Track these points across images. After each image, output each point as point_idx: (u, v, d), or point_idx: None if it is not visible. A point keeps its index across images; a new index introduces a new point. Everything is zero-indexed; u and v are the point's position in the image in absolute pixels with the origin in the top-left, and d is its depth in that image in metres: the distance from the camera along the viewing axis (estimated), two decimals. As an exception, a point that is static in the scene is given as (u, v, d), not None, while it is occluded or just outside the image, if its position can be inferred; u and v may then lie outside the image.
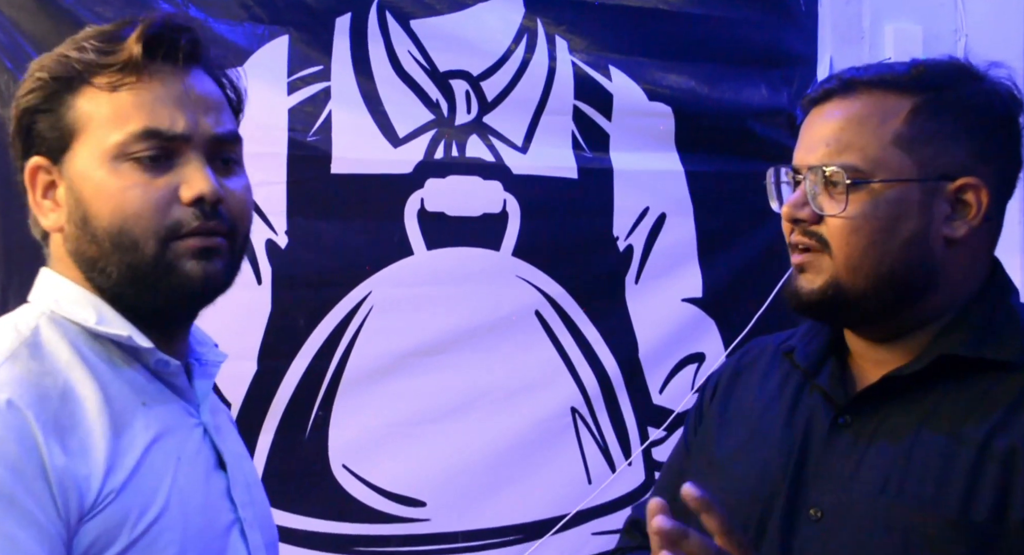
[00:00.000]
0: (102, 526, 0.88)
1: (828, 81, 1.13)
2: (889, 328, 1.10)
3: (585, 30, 2.24)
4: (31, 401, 0.88)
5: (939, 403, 1.05)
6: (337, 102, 2.05)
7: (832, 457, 1.08)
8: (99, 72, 0.95)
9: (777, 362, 1.22)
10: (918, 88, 1.08)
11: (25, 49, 1.84)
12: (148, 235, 0.94)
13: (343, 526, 2.06)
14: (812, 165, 1.09)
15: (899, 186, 1.06)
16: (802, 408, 1.14)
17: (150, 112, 0.95)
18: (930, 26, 2.45)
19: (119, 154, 0.94)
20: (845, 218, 1.06)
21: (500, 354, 2.15)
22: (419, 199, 2.10)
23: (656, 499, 1.00)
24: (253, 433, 1.99)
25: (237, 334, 1.94)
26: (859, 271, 1.07)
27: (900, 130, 1.07)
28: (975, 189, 1.08)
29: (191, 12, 1.95)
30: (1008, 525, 0.98)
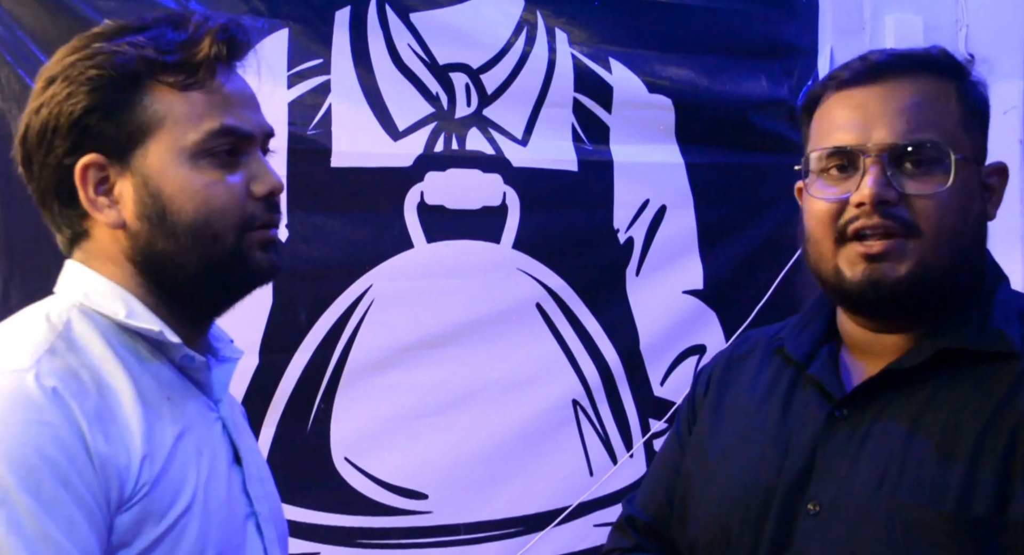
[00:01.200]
0: (136, 517, 0.90)
1: (869, 60, 1.07)
2: (923, 318, 1.06)
3: (585, 22, 2.24)
4: (74, 393, 0.89)
5: (936, 395, 1.04)
6: (337, 95, 2.05)
7: (829, 451, 1.07)
8: (169, 71, 0.97)
9: (769, 356, 1.20)
10: (954, 73, 1.07)
11: (26, 44, 1.84)
12: (229, 228, 0.98)
13: (345, 518, 2.06)
14: (890, 143, 1.02)
15: (970, 166, 1.05)
16: (796, 402, 1.12)
17: (224, 111, 0.99)
18: (930, 17, 2.45)
19: (198, 152, 0.98)
20: (937, 198, 1.01)
21: (501, 347, 2.16)
22: (419, 192, 2.10)
23: None
24: (255, 427, 2.00)
25: (238, 328, 1.91)
26: (944, 254, 1.02)
27: (960, 111, 1.05)
28: (1000, 174, 1.09)
29: (191, 5, 1.95)
30: (1009, 519, 0.96)
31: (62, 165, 0.98)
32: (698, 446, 1.21)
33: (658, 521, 1.24)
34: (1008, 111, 2.40)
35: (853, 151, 1.05)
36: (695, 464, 1.20)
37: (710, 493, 1.15)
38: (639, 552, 1.24)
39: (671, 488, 1.23)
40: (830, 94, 1.09)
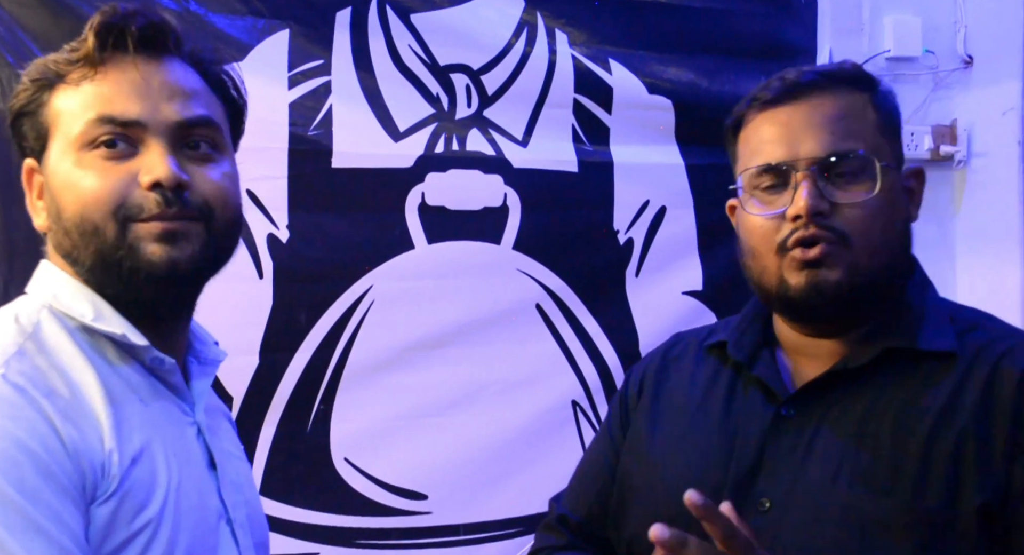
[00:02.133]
0: (110, 512, 0.89)
1: (787, 78, 1.12)
2: (854, 321, 1.10)
3: (585, 23, 2.24)
4: (44, 392, 0.89)
5: (883, 394, 1.07)
6: (338, 96, 2.05)
7: (778, 448, 1.08)
8: (69, 69, 0.97)
9: (703, 358, 1.22)
10: (867, 86, 1.13)
11: (26, 44, 1.84)
12: (107, 218, 0.94)
13: (345, 519, 2.06)
14: (817, 156, 1.07)
15: (893, 172, 1.09)
16: (738, 402, 1.14)
17: (105, 100, 0.95)
18: (929, 18, 2.45)
19: (82, 144, 0.95)
20: (866, 206, 1.06)
21: (501, 347, 2.16)
22: (420, 193, 2.11)
23: None
24: (255, 427, 2.00)
25: (239, 328, 1.95)
26: (875, 258, 1.06)
27: (877, 119, 1.10)
28: (918, 177, 1.14)
29: (191, 7, 1.95)
30: (961, 510, 0.99)
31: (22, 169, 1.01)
32: (636, 445, 1.22)
33: (590, 520, 1.25)
34: (1007, 112, 2.40)
35: (784, 167, 1.08)
36: (634, 463, 1.21)
37: (654, 491, 1.16)
38: (572, 550, 1.24)
39: (604, 487, 1.24)
40: (754, 114, 1.13)
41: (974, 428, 1.01)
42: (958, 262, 2.47)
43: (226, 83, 1.05)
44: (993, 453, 1.00)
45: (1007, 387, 1.02)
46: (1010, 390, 1.02)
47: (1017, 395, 1.02)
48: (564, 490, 1.33)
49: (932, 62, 2.44)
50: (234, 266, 1.05)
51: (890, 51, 2.42)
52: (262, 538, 1.09)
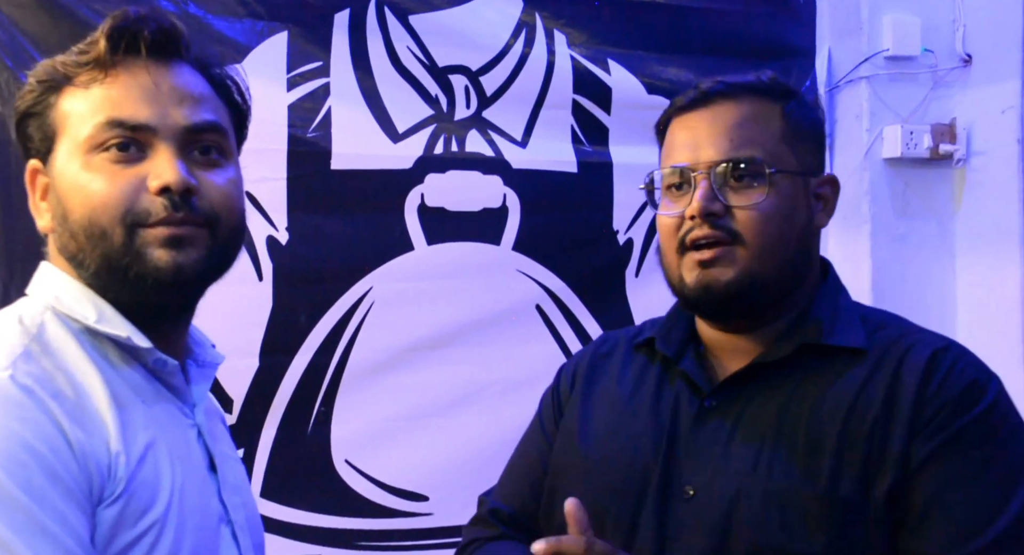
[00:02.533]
0: (116, 515, 0.89)
1: (701, 87, 1.19)
2: (763, 318, 1.17)
3: (584, 24, 2.24)
4: (51, 393, 0.89)
5: (798, 387, 1.13)
6: (336, 98, 2.05)
7: (701, 439, 1.15)
8: (78, 72, 0.97)
9: (631, 356, 1.28)
10: (782, 95, 1.19)
11: (25, 47, 1.85)
12: (115, 223, 0.94)
13: (346, 521, 2.06)
14: (715, 161, 1.14)
15: (792, 179, 1.15)
16: (666, 395, 1.21)
17: (115, 104, 0.95)
18: (928, 17, 2.45)
19: (90, 147, 0.95)
20: (757, 210, 1.13)
21: (501, 348, 2.16)
22: (419, 194, 2.11)
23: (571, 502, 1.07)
24: (255, 429, 2.00)
25: (239, 330, 1.95)
26: (768, 260, 1.13)
27: (783, 129, 1.16)
28: (831, 184, 1.20)
29: (190, 9, 1.95)
30: (872, 497, 1.06)
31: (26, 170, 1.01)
32: (568, 438, 1.27)
33: (523, 512, 1.29)
34: (1006, 110, 2.40)
35: (686, 169, 1.16)
36: (566, 455, 1.26)
37: (586, 481, 1.21)
38: (503, 540, 1.28)
39: (537, 480, 1.28)
40: (672, 119, 1.21)
41: (882, 419, 1.09)
42: (958, 260, 2.47)
43: (231, 88, 1.05)
44: (897, 439, 1.08)
45: (911, 378, 1.10)
46: (913, 381, 1.10)
47: (919, 385, 1.09)
48: (494, 486, 1.36)
49: (931, 61, 2.44)
50: (234, 268, 1.04)
51: (889, 50, 2.42)
52: (259, 539, 1.09)
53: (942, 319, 2.43)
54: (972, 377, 1.10)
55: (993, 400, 1.09)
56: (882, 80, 2.43)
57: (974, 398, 1.08)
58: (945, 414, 1.07)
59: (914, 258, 2.45)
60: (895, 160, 2.43)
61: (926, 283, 2.45)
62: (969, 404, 1.08)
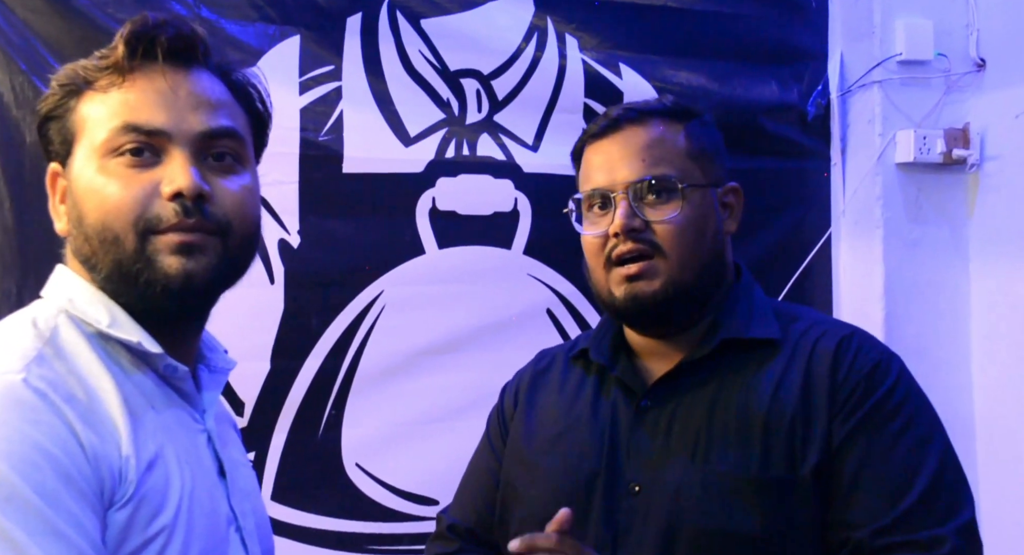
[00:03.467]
0: (126, 519, 0.89)
1: (616, 113, 1.29)
2: (686, 321, 1.27)
3: (595, 28, 2.24)
4: (64, 397, 0.89)
5: (724, 380, 1.24)
6: (348, 102, 2.05)
7: (641, 437, 1.24)
8: (98, 76, 0.97)
9: (569, 368, 1.37)
10: (682, 116, 1.30)
11: (39, 51, 1.85)
12: (127, 228, 0.94)
13: (356, 524, 2.06)
14: (631, 181, 1.24)
15: (701, 191, 1.26)
16: (604, 401, 1.30)
17: (131, 108, 0.96)
18: (941, 21, 2.44)
19: (106, 151, 0.95)
20: (672, 223, 1.23)
21: (512, 352, 2.14)
22: (430, 198, 2.11)
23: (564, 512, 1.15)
24: (267, 432, 2.00)
25: (250, 333, 1.95)
26: (688, 269, 1.23)
27: (687, 146, 1.27)
28: (735, 193, 1.31)
29: (203, 13, 1.96)
30: (799, 475, 1.17)
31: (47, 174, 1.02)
32: (515, 453, 1.35)
33: (479, 526, 1.37)
34: (1020, 115, 2.38)
35: (605, 191, 1.26)
36: (514, 469, 1.34)
37: (535, 489, 1.30)
38: (462, 553, 1.36)
39: (489, 493, 1.37)
40: (587, 146, 1.31)
41: (801, 403, 1.20)
42: (971, 266, 2.46)
43: (252, 95, 1.05)
44: (817, 420, 1.19)
45: (823, 364, 1.22)
46: (826, 366, 1.21)
47: (831, 369, 1.21)
48: (450, 503, 1.45)
49: (944, 65, 2.43)
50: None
51: (902, 54, 2.41)
52: (269, 545, 1.09)
53: (955, 325, 2.41)
54: (876, 359, 1.22)
55: (896, 377, 1.21)
56: (895, 84, 2.42)
57: (880, 377, 1.20)
58: (857, 395, 1.19)
59: (927, 263, 2.44)
60: (908, 165, 2.42)
61: (939, 288, 2.44)
62: (877, 383, 1.20)
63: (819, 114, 2.40)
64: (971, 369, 2.37)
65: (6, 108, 1.84)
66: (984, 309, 2.42)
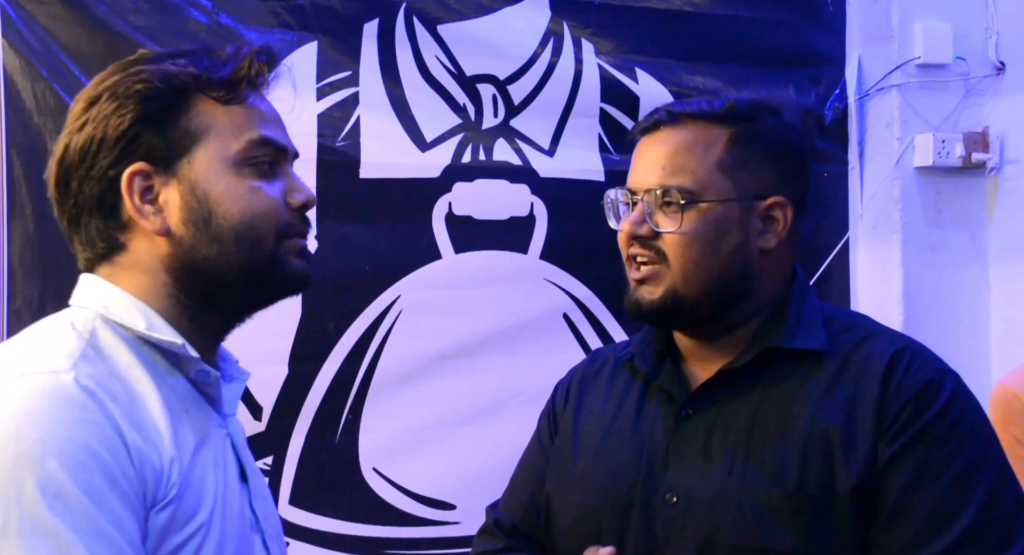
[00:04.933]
0: (167, 519, 0.91)
1: (656, 113, 1.26)
2: (716, 328, 1.24)
3: (611, 33, 2.24)
4: (110, 396, 0.91)
5: (767, 391, 1.21)
6: (365, 107, 2.06)
7: (681, 447, 1.22)
8: (212, 87, 1.01)
9: (617, 372, 1.35)
10: (732, 120, 1.24)
11: (61, 58, 1.87)
12: (270, 232, 1.02)
13: (373, 529, 2.07)
14: (649, 187, 1.22)
15: (723, 205, 1.21)
16: (647, 408, 1.27)
17: (262, 124, 1.04)
18: (960, 24, 2.43)
19: (241, 160, 1.01)
20: (680, 234, 1.20)
21: (528, 357, 2.16)
22: (447, 203, 2.11)
23: None
24: (284, 436, 2.01)
25: (268, 338, 1.96)
26: (693, 280, 1.20)
27: (721, 156, 1.22)
28: (782, 207, 1.24)
29: (222, 20, 1.97)
30: (836, 496, 1.13)
31: (106, 177, 0.99)
32: (561, 453, 1.34)
33: (525, 523, 1.36)
34: (1040, 118, 2.37)
35: (630, 191, 1.25)
36: (559, 470, 1.33)
37: (577, 494, 1.28)
38: (508, 552, 1.34)
39: (536, 491, 1.35)
40: (636, 140, 1.29)
41: (844, 419, 1.15)
42: (991, 271, 2.44)
43: None
44: (861, 439, 1.14)
45: (873, 379, 1.17)
46: (875, 382, 1.16)
47: (881, 385, 1.16)
48: (500, 497, 1.43)
49: (963, 69, 2.42)
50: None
51: (920, 58, 2.40)
52: (283, 549, 1.12)
53: (974, 330, 2.40)
54: (928, 377, 1.16)
55: (949, 397, 1.15)
56: (913, 88, 2.41)
57: (932, 397, 1.15)
58: (906, 414, 1.14)
59: (946, 268, 2.42)
60: (926, 169, 2.40)
61: (958, 293, 2.42)
62: (928, 403, 1.14)
63: (837, 118, 2.40)
64: (991, 375, 2.35)
65: (28, 115, 1.86)
66: (1003, 314, 2.40)
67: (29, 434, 0.85)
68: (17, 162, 1.87)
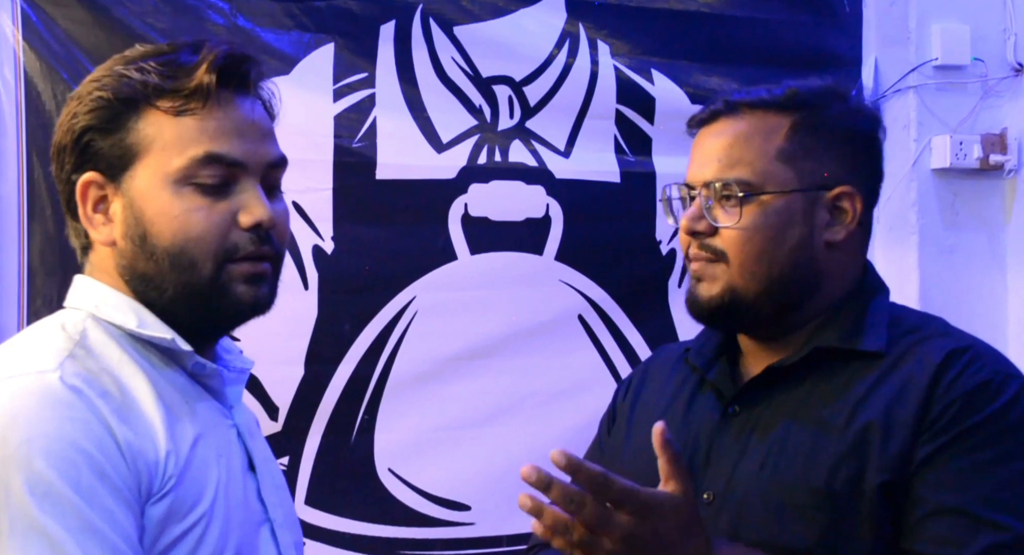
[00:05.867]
0: (164, 511, 0.91)
1: (714, 103, 1.21)
2: (777, 328, 1.18)
3: (627, 34, 2.24)
4: (98, 393, 0.91)
5: (813, 390, 1.15)
6: (382, 108, 2.07)
7: (723, 445, 1.18)
8: (164, 96, 0.98)
9: (679, 366, 1.30)
10: (794, 107, 1.18)
11: (80, 60, 1.89)
12: (207, 257, 0.97)
13: (388, 529, 2.07)
14: (706, 181, 1.17)
15: (784, 197, 1.16)
16: (697, 405, 1.24)
17: (212, 138, 0.98)
18: (978, 25, 2.41)
19: (181, 178, 0.97)
20: (739, 229, 1.15)
21: (543, 358, 2.16)
22: (463, 204, 2.12)
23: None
24: (300, 437, 2.02)
25: (284, 339, 1.97)
26: (753, 277, 1.15)
27: (782, 146, 1.16)
28: (850, 197, 1.17)
29: (239, 22, 1.98)
30: (863, 491, 1.07)
31: (70, 181, 1.00)
32: (615, 448, 1.31)
33: None
34: (1058, 120, 2.36)
35: (688, 185, 1.21)
36: (610, 461, 1.28)
37: None
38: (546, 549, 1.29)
39: None
40: (695, 134, 1.25)
41: (884, 414, 1.09)
42: (1009, 272, 2.43)
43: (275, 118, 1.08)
44: (898, 435, 1.08)
45: (923, 376, 1.10)
46: (925, 378, 1.09)
47: (930, 382, 1.09)
48: None
49: (981, 70, 2.41)
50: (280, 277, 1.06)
51: (938, 59, 2.39)
52: (297, 538, 1.11)
53: (992, 333, 2.38)
54: (986, 377, 1.09)
55: (1009, 401, 1.08)
56: (930, 89, 2.40)
57: (986, 398, 1.07)
58: (952, 413, 1.07)
59: (963, 270, 2.41)
60: (943, 170, 2.39)
61: (976, 296, 2.41)
62: (979, 403, 1.07)
63: (853, 120, 2.39)
64: (1008, 377, 2.34)
65: (48, 116, 1.88)
66: (1021, 316, 2.39)
67: (15, 435, 0.86)
68: (37, 163, 1.88)
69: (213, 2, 1.97)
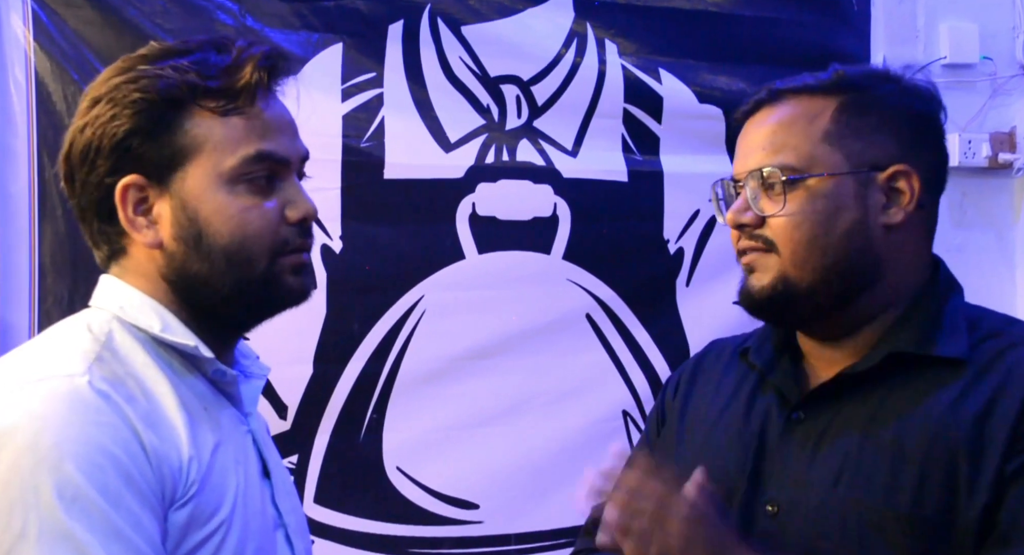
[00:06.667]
0: (187, 517, 0.92)
1: (758, 93, 1.17)
2: (839, 324, 1.12)
3: (635, 33, 2.24)
4: (125, 397, 0.92)
5: (887, 399, 1.08)
6: (390, 108, 2.08)
7: (787, 453, 1.11)
8: (210, 96, 0.98)
9: (735, 363, 1.25)
10: (840, 89, 1.14)
11: (91, 61, 1.90)
12: (263, 253, 1.00)
13: (397, 528, 2.08)
14: (750, 170, 1.12)
15: (833, 180, 1.10)
16: (758, 406, 1.17)
17: (260, 137, 1.00)
18: (986, 24, 2.41)
19: (234, 177, 0.99)
20: (785, 216, 1.10)
21: (551, 357, 2.16)
22: (470, 203, 2.12)
23: None
24: (309, 435, 2.03)
25: (293, 338, 1.98)
26: (805, 265, 1.09)
27: (828, 128, 1.11)
28: (906, 176, 1.11)
29: (248, 22, 1.99)
30: (958, 521, 1.01)
31: (103, 184, 0.99)
32: (666, 448, 1.26)
33: None
34: (1068, 118, 2.36)
35: (734, 179, 1.16)
36: (663, 460, 1.22)
37: None
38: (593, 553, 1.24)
39: None
40: (741, 124, 1.20)
41: (974, 432, 1.02)
42: (1017, 271, 2.42)
43: None
44: (991, 454, 1.01)
45: (1016, 391, 1.03)
46: (1018, 394, 1.03)
47: (1022, 400, 1.02)
48: None
49: (990, 69, 2.41)
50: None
51: (946, 58, 2.39)
52: (308, 545, 1.12)
53: (1001, 331, 2.38)
54: None
55: None
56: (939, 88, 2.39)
57: None
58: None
59: (972, 269, 2.40)
60: (952, 169, 2.34)
61: (984, 295, 2.38)
62: None
63: (861, 118, 2.38)
64: (1018, 376, 2.33)
65: (59, 117, 1.89)
66: (1031, 315, 2.38)
67: (46, 439, 0.86)
68: (48, 164, 1.89)
69: (222, 3, 1.98)
